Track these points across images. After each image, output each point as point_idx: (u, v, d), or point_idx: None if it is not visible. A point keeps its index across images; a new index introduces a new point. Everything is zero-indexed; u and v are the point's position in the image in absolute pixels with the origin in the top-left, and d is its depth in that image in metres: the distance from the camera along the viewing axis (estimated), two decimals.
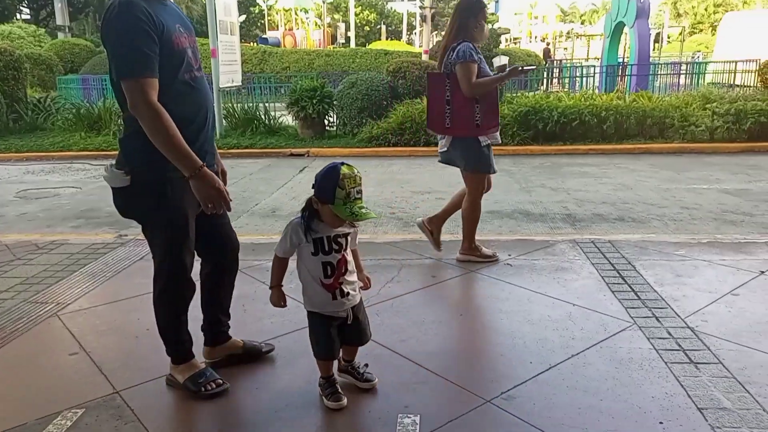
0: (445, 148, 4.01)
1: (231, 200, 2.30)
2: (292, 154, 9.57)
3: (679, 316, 3.12)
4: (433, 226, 4.24)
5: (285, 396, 2.48)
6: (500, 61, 3.97)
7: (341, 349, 2.40)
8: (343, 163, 2.16)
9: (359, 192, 2.15)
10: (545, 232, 5.04)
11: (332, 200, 2.11)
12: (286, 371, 2.69)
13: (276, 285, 2.38)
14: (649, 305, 3.27)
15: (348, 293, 2.27)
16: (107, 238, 4.88)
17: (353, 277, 2.31)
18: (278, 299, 2.39)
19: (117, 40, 2.08)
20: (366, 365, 2.48)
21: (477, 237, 4.81)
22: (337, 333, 2.32)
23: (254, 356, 2.75)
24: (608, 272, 3.80)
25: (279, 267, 2.35)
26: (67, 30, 31.47)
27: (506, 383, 2.50)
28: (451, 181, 7.39)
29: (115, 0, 2.09)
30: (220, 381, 2.48)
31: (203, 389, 2.43)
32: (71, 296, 3.60)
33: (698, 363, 2.64)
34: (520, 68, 3.75)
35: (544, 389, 2.45)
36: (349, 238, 2.29)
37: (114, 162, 2.30)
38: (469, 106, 3.78)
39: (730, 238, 4.57)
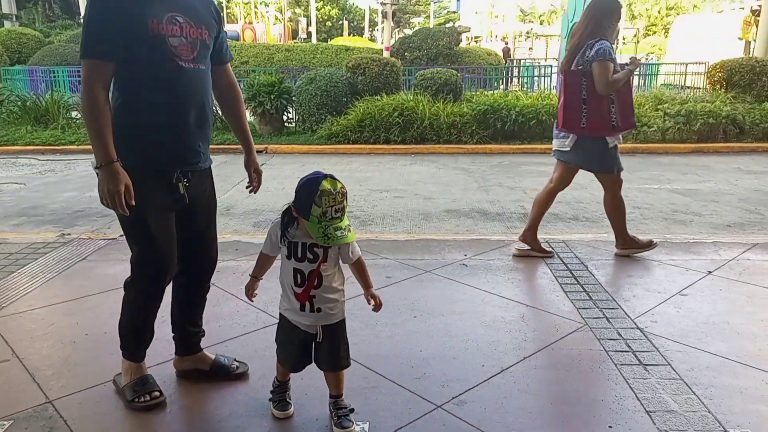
0: (568, 148, 3.96)
1: (129, 205, 2.09)
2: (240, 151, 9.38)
3: (629, 317, 3.15)
4: (530, 241, 4.14)
5: (229, 404, 2.38)
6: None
7: (326, 380, 2.21)
8: (327, 176, 1.96)
9: (338, 210, 1.95)
10: (501, 232, 5.06)
11: (307, 216, 1.95)
12: (233, 377, 2.59)
13: (253, 276, 2.30)
14: (600, 305, 3.29)
15: (319, 309, 2.08)
16: (49, 237, 4.65)
17: (334, 295, 2.10)
18: (248, 288, 2.31)
19: (84, 22, 2.11)
20: (352, 410, 2.20)
21: (431, 236, 4.80)
22: (306, 349, 2.17)
23: (222, 375, 2.57)
24: (561, 272, 3.82)
25: (260, 261, 2.27)
26: (14, 19, 30.19)
27: (458, 387, 2.47)
28: (410, 179, 7.39)
29: None
30: (157, 393, 2.35)
31: (137, 400, 2.31)
32: (7, 299, 3.41)
33: (647, 365, 2.66)
34: (637, 59, 3.92)
35: (496, 393, 2.43)
36: (330, 252, 2.07)
37: None
38: (605, 106, 3.77)
39: (679, 238, 4.67)
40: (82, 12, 19.32)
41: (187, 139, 2.23)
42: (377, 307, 2.16)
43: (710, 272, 3.80)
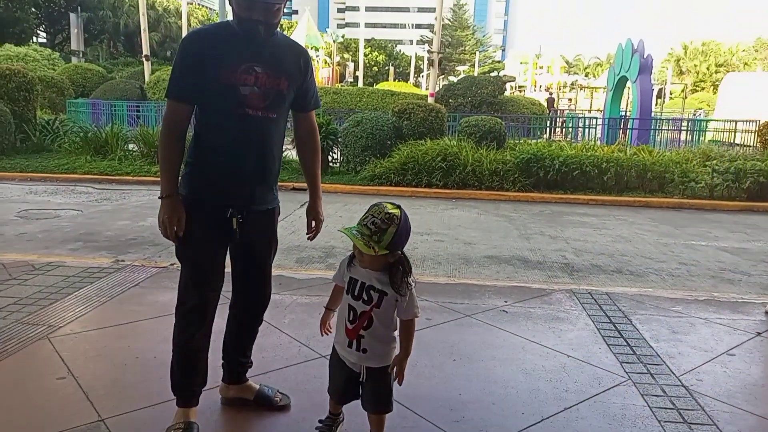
0: None
1: (178, 236, 2.29)
2: (294, 188, 9.60)
3: (674, 374, 3.09)
4: None
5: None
6: None
7: (369, 420, 2.26)
8: (394, 203, 2.10)
9: (373, 224, 2.00)
10: (542, 280, 5.03)
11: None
12: (275, 407, 2.65)
13: (327, 308, 2.35)
14: (645, 361, 3.25)
15: (365, 350, 2.13)
16: (104, 263, 4.87)
17: (383, 341, 2.14)
18: (323, 321, 2.34)
19: (172, 66, 2.34)
20: None
21: (472, 281, 4.82)
22: (351, 385, 2.22)
23: (265, 406, 2.64)
24: (604, 325, 3.78)
25: (333, 292, 2.32)
26: (80, 55, 32.09)
27: None
28: (451, 223, 7.44)
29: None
30: None
31: None
32: (63, 319, 3.57)
33: (692, 423, 2.60)
34: None
35: None
36: (384, 300, 2.09)
37: None
38: None
39: (727, 296, 4.56)
40: (144, 50, 20.45)
41: (242, 181, 2.32)
42: (397, 379, 2.15)
43: (759, 333, 3.70)
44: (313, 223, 2.65)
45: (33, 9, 38.60)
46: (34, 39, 40.84)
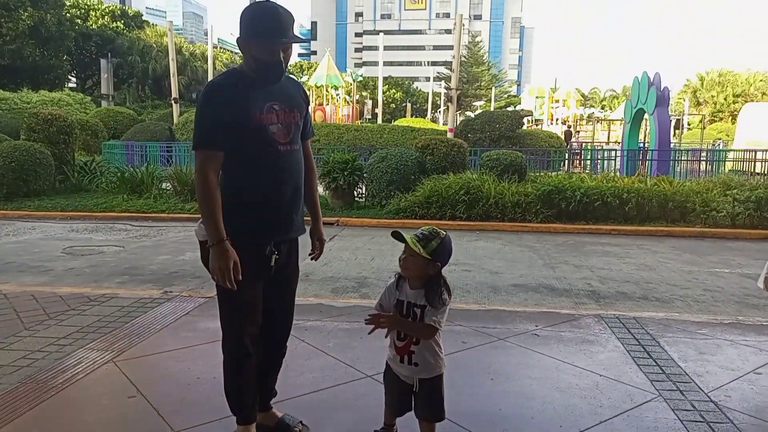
0: None
1: (235, 282, 2.33)
2: (326, 223, 9.94)
3: (702, 391, 3.25)
4: None
5: None
6: None
7: (420, 429, 2.44)
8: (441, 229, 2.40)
9: (423, 234, 2.32)
10: (570, 306, 5.21)
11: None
12: (328, 422, 2.87)
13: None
14: (674, 379, 3.41)
15: (416, 363, 2.33)
16: (154, 294, 5.17)
17: (432, 353, 2.34)
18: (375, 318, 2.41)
19: (195, 118, 2.43)
20: None
21: (502, 307, 5.02)
22: (405, 397, 2.41)
23: None
24: (633, 346, 3.95)
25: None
26: (110, 99, 33.31)
27: None
28: (476, 254, 7.66)
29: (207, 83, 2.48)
30: None
31: None
32: (124, 345, 3.85)
33: None
34: None
35: None
36: (422, 312, 2.32)
37: None
38: None
39: (752, 320, 4.70)
40: (173, 93, 21.26)
41: (283, 213, 2.50)
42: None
43: None
44: (317, 244, 2.78)
45: (66, 56, 40.33)
46: (67, 84, 42.50)
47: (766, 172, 13.90)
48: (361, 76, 39.18)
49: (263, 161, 2.42)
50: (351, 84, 35.26)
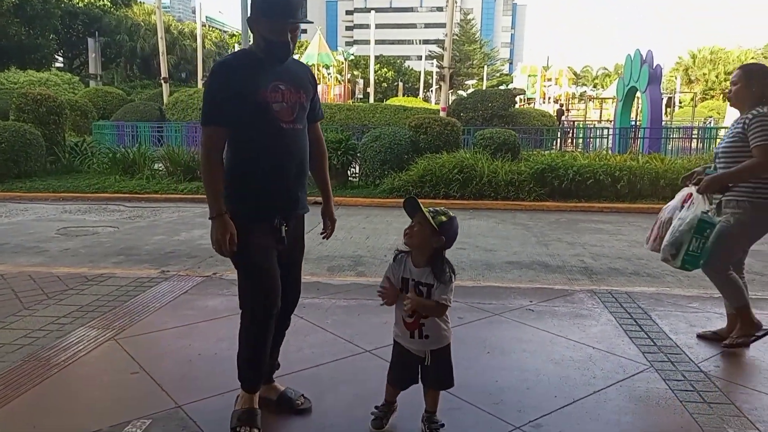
0: None
1: (233, 251, 2.47)
2: (316, 203, 9.89)
3: (692, 361, 3.34)
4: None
5: (330, 416, 2.72)
6: None
7: (425, 396, 2.55)
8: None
9: (431, 210, 2.43)
10: (563, 282, 5.29)
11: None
12: (329, 395, 2.94)
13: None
14: (665, 351, 3.50)
15: (427, 335, 2.42)
16: (151, 273, 5.20)
17: (440, 324, 2.43)
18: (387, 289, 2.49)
19: (203, 96, 2.51)
20: (442, 425, 2.52)
21: (496, 284, 5.09)
22: (415, 370, 2.49)
23: (287, 407, 2.77)
24: (625, 320, 4.04)
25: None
26: (98, 78, 32.87)
27: (533, 413, 2.74)
28: (470, 232, 7.71)
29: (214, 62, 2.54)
30: (257, 430, 2.54)
31: (238, 428, 2.53)
32: (125, 323, 3.89)
33: (711, 403, 2.85)
34: None
35: (569, 420, 2.68)
36: (433, 291, 2.37)
37: None
38: None
39: None
40: (162, 73, 21.03)
41: (287, 190, 2.59)
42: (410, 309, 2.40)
43: None
44: (329, 223, 2.90)
45: (53, 35, 39.66)
46: (54, 64, 41.89)
47: None
48: (352, 54, 38.88)
49: (266, 138, 2.49)
50: (342, 63, 35.01)
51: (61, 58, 46.65)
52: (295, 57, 2.77)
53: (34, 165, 11.54)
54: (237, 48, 40.13)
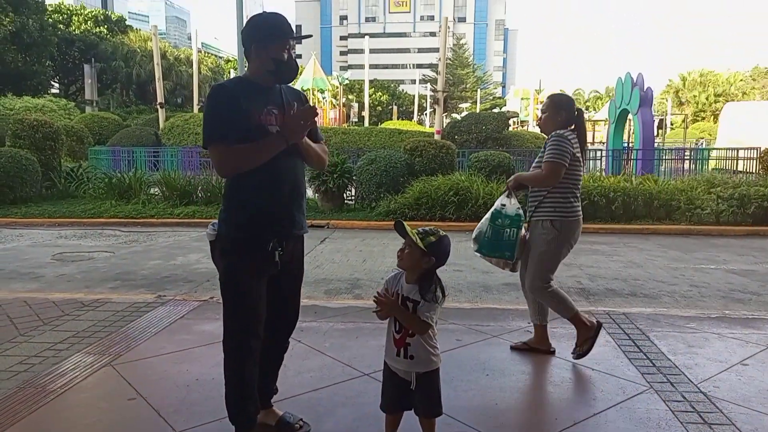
0: None
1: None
2: (312, 226, 9.95)
3: (692, 382, 3.34)
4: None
5: None
6: None
7: (421, 425, 2.48)
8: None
9: (422, 231, 2.42)
10: None
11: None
12: (329, 419, 2.91)
13: None
14: (664, 372, 3.50)
15: (412, 356, 2.38)
16: (148, 298, 5.17)
17: (426, 346, 2.38)
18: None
19: (204, 118, 2.54)
20: None
21: (494, 305, 5.09)
22: (403, 394, 2.43)
23: None
24: (624, 341, 4.04)
25: None
26: (94, 104, 33.04)
27: None
28: (467, 254, 7.70)
29: (212, 86, 2.59)
30: None
31: None
32: (121, 349, 3.86)
33: (712, 424, 2.85)
34: None
35: None
36: (417, 309, 2.36)
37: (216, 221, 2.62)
38: None
39: (738, 314, 4.82)
40: (158, 98, 21.15)
41: (283, 210, 2.58)
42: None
43: None
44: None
45: (49, 62, 39.95)
46: (50, 90, 42.12)
47: (748, 170, 14.16)
48: (347, 79, 39.25)
49: (269, 160, 2.49)
50: (337, 87, 35.34)
51: (57, 85, 46.89)
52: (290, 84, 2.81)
53: (29, 190, 11.53)
54: (233, 73, 40.56)
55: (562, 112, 3.74)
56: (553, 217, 3.65)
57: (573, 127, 3.73)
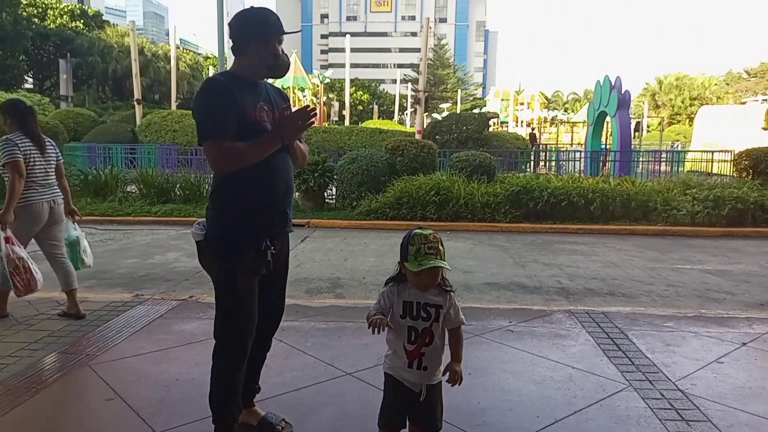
0: None
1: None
2: (293, 224, 9.90)
3: (670, 380, 3.39)
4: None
5: None
6: None
7: None
8: (419, 227, 2.24)
9: (432, 248, 2.18)
10: (541, 303, 5.34)
11: (405, 257, 2.20)
12: (311, 419, 2.90)
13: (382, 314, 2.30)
14: (643, 370, 3.54)
15: (426, 367, 2.24)
16: (125, 297, 5.09)
17: (439, 356, 2.27)
18: (379, 322, 2.22)
19: (199, 112, 2.42)
20: None
21: (475, 305, 5.10)
22: (407, 409, 2.28)
23: None
24: (603, 340, 4.09)
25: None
26: (69, 100, 32.38)
27: None
28: (448, 254, 7.71)
29: (206, 78, 2.53)
30: None
31: None
32: (99, 348, 3.79)
33: (690, 421, 2.89)
34: None
35: None
36: (441, 312, 2.25)
37: (202, 220, 2.56)
38: None
39: (713, 313, 4.90)
40: (136, 95, 20.83)
41: (277, 206, 2.57)
42: (455, 382, 2.26)
43: (744, 344, 4.02)
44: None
45: (23, 56, 39.10)
46: (23, 85, 41.24)
47: (722, 173, 14.44)
48: (328, 78, 39.06)
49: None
50: (318, 86, 35.17)
51: (31, 80, 45.95)
52: (270, 81, 2.78)
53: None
54: (212, 70, 40.10)
55: (7, 117, 4.39)
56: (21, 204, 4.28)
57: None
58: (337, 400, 3.10)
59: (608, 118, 16.70)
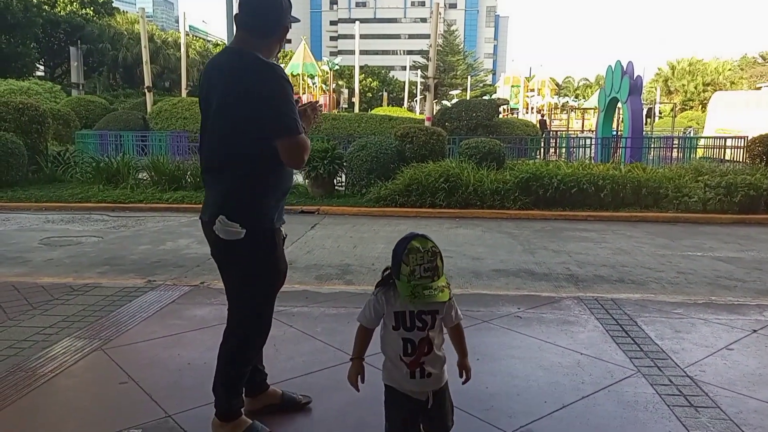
0: None
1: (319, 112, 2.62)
2: (303, 212, 9.94)
3: (678, 366, 3.40)
4: None
5: (322, 424, 2.72)
6: None
7: None
8: (418, 235, 2.01)
9: (428, 270, 1.95)
10: (550, 290, 5.34)
11: (398, 276, 2.01)
12: (321, 403, 2.94)
13: (356, 357, 2.22)
14: (651, 356, 3.55)
15: (429, 374, 2.07)
16: (138, 283, 5.15)
17: (441, 360, 2.12)
18: (355, 374, 2.20)
19: (283, 104, 2.29)
20: None
21: (484, 291, 5.12)
22: (417, 420, 2.14)
23: (292, 407, 2.82)
24: (612, 326, 4.09)
25: (360, 337, 2.22)
26: (80, 87, 32.58)
27: (523, 419, 2.76)
28: (457, 241, 7.76)
29: (262, 61, 2.31)
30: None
31: None
32: (112, 333, 3.85)
33: (698, 407, 2.90)
34: None
35: (559, 425, 2.71)
36: (438, 317, 2.09)
37: (224, 216, 2.32)
38: None
39: (724, 300, 4.89)
40: (146, 82, 20.86)
41: (282, 206, 2.57)
42: (467, 380, 2.20)
43: (755, 331, 4.01)
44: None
45: (34, 44, 39.28)
46: (35, 73, 41.46)
47: (735, 159, 14.29)
48: (337, 65, 38.97)
49: None
50: (327, 73, 35.10)
51: (42, 67, 46.18)
52: (281, 65, 2.79)
53: (15, 174, 11.38)
54: None
55: None
56: None
57: None
58: (347, 384, 3.10)
59: (620, 104, 16.56)
